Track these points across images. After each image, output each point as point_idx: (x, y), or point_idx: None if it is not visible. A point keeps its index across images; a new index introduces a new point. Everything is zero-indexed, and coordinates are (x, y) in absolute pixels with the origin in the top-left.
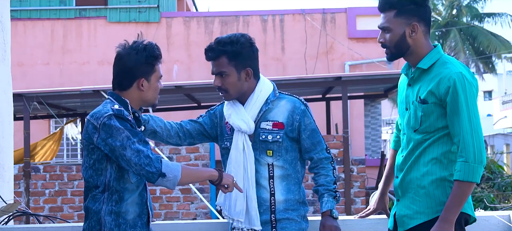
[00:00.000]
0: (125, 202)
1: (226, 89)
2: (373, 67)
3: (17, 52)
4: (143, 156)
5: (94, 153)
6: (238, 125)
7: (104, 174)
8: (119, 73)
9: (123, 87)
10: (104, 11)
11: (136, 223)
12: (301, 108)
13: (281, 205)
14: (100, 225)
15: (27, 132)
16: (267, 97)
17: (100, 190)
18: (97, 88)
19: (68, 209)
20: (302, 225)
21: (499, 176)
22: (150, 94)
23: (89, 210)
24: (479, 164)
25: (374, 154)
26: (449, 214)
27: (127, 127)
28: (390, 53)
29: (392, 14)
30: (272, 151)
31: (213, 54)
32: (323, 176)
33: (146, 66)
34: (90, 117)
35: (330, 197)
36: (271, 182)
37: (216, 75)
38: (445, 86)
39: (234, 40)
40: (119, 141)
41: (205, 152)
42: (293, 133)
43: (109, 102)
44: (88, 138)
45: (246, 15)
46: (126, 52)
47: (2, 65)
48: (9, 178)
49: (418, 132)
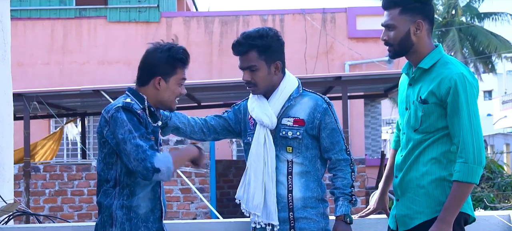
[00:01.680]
0: (136, 197)
1: (256, 83)
2: (373, 67)
3: (17, 52)
4: (141, 151)
5: (105, 146)
6: (261, 118)
7: (114, 168)
8: (140, 67)
9: (141, 83)
10: (104, 11)
11: (148, 218)
12: (323, 107)
13: (299, 203)
14: (112, 219)
15: (27, 132)
16: (290, 93)
17: (111, 185)
18: (97, 88)
19: (68, 208)
20: (321, 224)
21: (499, 175)
22: (166, 96)
23: (101, 205)
24: (479, 165)
25: (374, 153)
26: (447, 214)
27: (133, 120)
28: (393, 50)
29: (397, 11)
30: (292, 148)
31: (243, 49)
32: (340, 179)
33: (166, 66)
34: (103, 111)
35: (346, 201)
36: (289, 179)
37: (245, 69)
38: (446, 86)
39: (263, 34)
40: (121, 133)
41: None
42: (313, 131)
43: (124, 96)
44: (100, 131)
45: (246, 15)
46: (152, 49)
47: (2, 65)
48: (9, 177)
49: (418, 131)
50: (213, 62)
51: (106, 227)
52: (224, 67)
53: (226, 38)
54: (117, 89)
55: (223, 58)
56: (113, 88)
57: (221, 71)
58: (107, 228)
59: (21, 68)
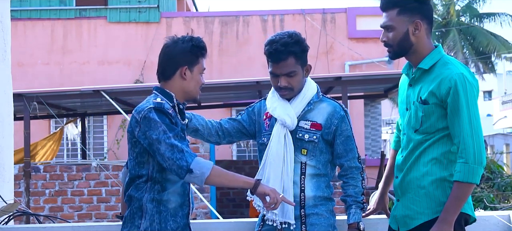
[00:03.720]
0: (167, 191)
1: (292, 88)
2: (373, 67)
3: (17, 52)
4: (177, 150)
5: (136, 146)
6: (284, 118)
7: (146, 167)
8: (163, 61)
9: (166, 76)
10: (104, 11)
11: (177, 213)
12: (341, 114)
13: (311, 201)
14: (142, 211)
15: (27, 132)
16: (311, 98)
17: (143, 180)
18: (97, 88)
19: (68, 209)
20: (330, 220)
21: (499, 176)
22: (192, 86)
23: (131, 197)
24: (479, 165)
25: (374, 154)
26: (448, 214)
27: (165, 121)
28: (392, 51)
29: (395, 12)
30: (306, 150)
31: (283, 56)
32: (352, 187)
33: (191, 56)
34: (134, 111)
35: (358, 209)
36: (302, 179)
37: (283, 75)
38: (446, 87)
39: (298, 40)
40: (156, 134)
41: (205, 152)
42: (328, 136)
43: (153, 96)
44: (131, 131)
45: (246, 15)
46: (173, 41)
47: (2, 65)
48: (9, 178)
49: (419, 132)
50: (213, 62)
51: (135, 218)
52: (224, 67)
53: (226, 38)
54: (117, 89)
55: (223, 58)
56: (113, 89)
57: (221, 71)
58: (136, 219)
59: (21, 68)
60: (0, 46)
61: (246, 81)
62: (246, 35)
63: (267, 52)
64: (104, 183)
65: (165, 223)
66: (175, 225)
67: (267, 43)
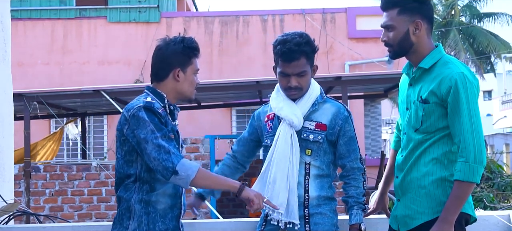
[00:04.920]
0: (156, 192)
1: (302, 88)
2: (373, 67)
3: (17, 52)
4: (164, 151)
5: (125, 144)
6: (291, 118)
7: (134, 166)
8: (156, 63)
9: (159, 78)
10: (104, 11)
11: (166, 214)
12: (345, 114)
13: (314, 201)
14: (130, 212)
15: (27, 132)
16: (316, 98)
17: (131, 180)
18: (97, 88)
19: (68, 208)
20: (334, 219)
21: (498, 175)
22: (186, 87)
23: (120, 198)
24: (480, 164)
25: (374, 153)
26: (448, 214)
27: (154, 120)
28: (393, 51)
29: (395, 12)
30: (311, 151)
31: (296, 56)
32: (354, 188)
33: (183, 57)
34: (124, 109)
35: (359, 210)
36: (306, 179)
37: (294, 75)
38: (447, 86)
39: (308, 40)
40: (144, 133)
41: (205, 152)
42: (332, 136)
43: (144, 95)
44: (120, 129)
45: (246, 15)
46: (164, 43)
47: (2, 65)
48: (9, 177)
49: (419, 131)
50: (213, 62)
51: (124, 219)
52: (224, 67)
53: (226, 38)
54: (117, 89)
55: (223, 58)
56: (113, 88)
57: (221, 71)
58: (125, 220)
59: (21, 68)
60: (0, 46)
61: (246, 81)
62: (246, 35)
63: (279, 52)
64: (104, 183)
65: (154, 224)
66: (164, 227)
67: (279, 42)
